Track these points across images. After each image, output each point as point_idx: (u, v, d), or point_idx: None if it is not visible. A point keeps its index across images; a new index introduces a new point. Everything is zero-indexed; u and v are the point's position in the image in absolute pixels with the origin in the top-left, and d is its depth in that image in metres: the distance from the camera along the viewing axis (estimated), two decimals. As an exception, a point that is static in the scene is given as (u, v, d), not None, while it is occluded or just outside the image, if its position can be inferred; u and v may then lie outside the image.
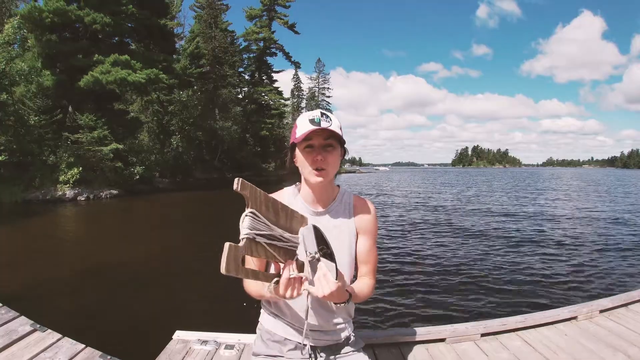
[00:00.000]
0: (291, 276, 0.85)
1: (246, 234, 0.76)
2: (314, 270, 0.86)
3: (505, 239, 7.83)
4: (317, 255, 0.85)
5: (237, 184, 0.75)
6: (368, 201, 1.20)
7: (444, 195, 19.84)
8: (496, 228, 9.20)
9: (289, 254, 0.88)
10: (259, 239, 0.78)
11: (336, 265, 0.87)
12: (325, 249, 0.88)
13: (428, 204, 15.46)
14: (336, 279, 0.84)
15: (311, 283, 0.86)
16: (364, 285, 1.13)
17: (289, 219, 0.89)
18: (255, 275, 0.81)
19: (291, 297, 0.86)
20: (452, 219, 10.89)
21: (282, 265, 0.87)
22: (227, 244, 0.71)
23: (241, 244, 0.75)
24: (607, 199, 17.64)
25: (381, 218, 10.72)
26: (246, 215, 0.78)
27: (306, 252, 0.86)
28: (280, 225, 0.85)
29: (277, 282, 0.86)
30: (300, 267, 0.89)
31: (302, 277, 0.86)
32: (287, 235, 0.86)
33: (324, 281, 0.84)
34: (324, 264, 0.85)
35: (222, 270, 0.69)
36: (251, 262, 1.06)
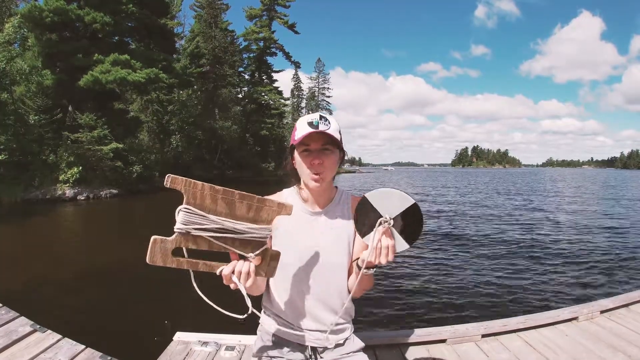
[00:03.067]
0: (224, 273, 0.87)
1: (178, 229, 0.79)
2: (377, 233, 0.91)
3: (506, 240, 7.82)
4: (391, 223, 0.90)
5: (167, 180, 0.77)
6: None
7: (445, 197, 19.86)
8: (497, 230, 9.20)
9: (249, 244, 0.88)
10: (197, 232, 0.80)
11: (410, 241, 0.92)
12: (406, 225, 0.91)
13: (428, 204, 15.46)
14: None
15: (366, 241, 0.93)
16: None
17: (255, 209, 0.88)
18: (192, 265, 0.83)
19: (233, 288, 0.89)
20: (452, 220, 10.89)
21: (246, 255, 0.88)
22: (152, 238, 0.76)
23: (171, 237, 0.79)
24: (607, 200, 17.64)
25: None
26: (180, 211, 0.80)
27: (381, 214, 0.90)
28: (238, 217, 0.85)
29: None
30: (259, 258, 0.90)
31: (248, 272, 0.87)
32: (242, 226, 0.85)
33: (385, 252, 0.91)
34: (396, 235, 0.90)
35: (147, 260, 0.76)
36: None
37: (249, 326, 1.12)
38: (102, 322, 3.57)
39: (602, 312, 2.16)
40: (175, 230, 0.79)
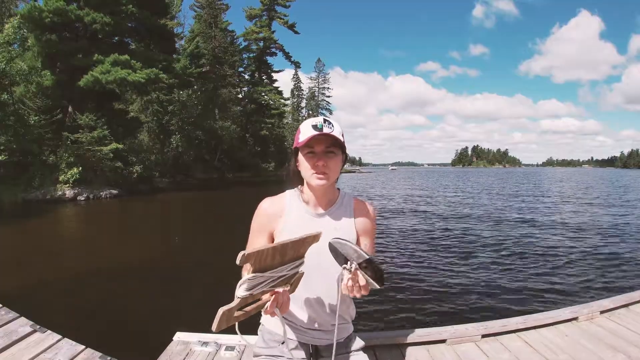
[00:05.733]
0: (269, 310, 0.92)
1: (242, 296, 0.85)
2: (344, 275, 0.96)
3: (505, 239, 7.82)
4: (352, 268, 0.95)
5: (240, 260, 0.80)
6: (368, 203, 1.23)
7: (445, 196, 19.87)
8: (497, 229, 9.20)
9: (288, 278, 0.96)
10: (259, 290, 0.87)
11: (380, 283, 0.95)
12: (366, 263, 0.94)
13: (429, 204, 15.46)
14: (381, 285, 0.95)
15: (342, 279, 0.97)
16: None
17: (297, 248, 0.95)
18: (247, 314, 0.89)
19: (272, 317, 0.96)
20: (452, 220, 10.89)
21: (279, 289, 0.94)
22: (221, 311, 0.81)
23: (234, 303, 0.84)
24: (608, 200, 17.65)
25: (382, 219, 10.73)
26: (247, 279, 0.85)
27: (348, 261, 0.95)
28: (286, 261, 0.93)
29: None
30: (295, 282, 0.98)
31: (287, 300, 0.95)
32: (286, 270, 0.93)
33: (356, 289, 0.94)
34: (365, 277, 0.94)
35: (213, 329, 0.82)
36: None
37: (249, 326, 1.13)
38: (101, 322, 3.57)
39: (602, 312, 2.16)
40: (238, 297, 0.85)
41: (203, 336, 1.84)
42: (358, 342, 1.23)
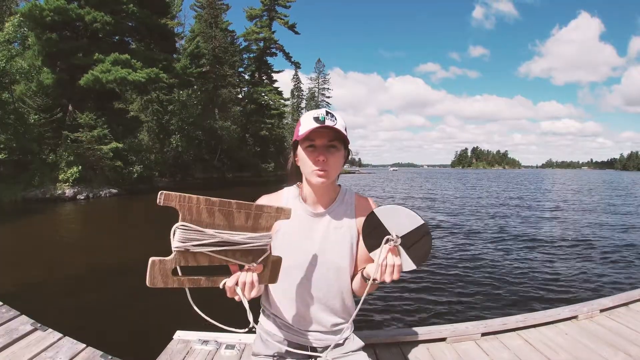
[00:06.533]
0: (228, 285, 0.85)
1: (176, 247, 0.77)
2: (383, 251, 0.88)
3: (505, 238, 7.83)
4: (398, 242, 0.87)
5: (160, 198, 0.74)
6: (370, 199, 1.18)
7: (445, 197, 19.86)
8: (497, 228, 9.20)
9: (250, 254, 0.85)
10: (196, 248, 0.78)
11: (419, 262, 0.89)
12: (412, 243, 0.87)
13: (429, 202, 15.47)
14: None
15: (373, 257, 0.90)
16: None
17: (253, 217, 0.84)
18: (194, 282, 0.82)
19: (238, 300, 0.87)
20: (452, 218, 10.89)
21: (245, 266, 0.86)
22: (150, 260, 0.75)
23: (170, 257, 0.77)
24: (608, 200, 17.66)
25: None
26: (177, 228, 0.78)
27: (389, 231, 0.87)
28: (236, 227, 0.82)
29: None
30: (261, 266, 0.88)
31: (252, 282, 0.85)
32: (240, 237, 0.82)
33: (390, 270, 0.88)
34: (403, 255, 0.87)
35: (147, 283, 0.75)
36: None
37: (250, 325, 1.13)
38: (102, 321, 3.57)
39: (602, 310, 2.16)
40: (173, 249, 0.78)
41: (203, 335, 1.84)
42: (357, 342, 1.20)
